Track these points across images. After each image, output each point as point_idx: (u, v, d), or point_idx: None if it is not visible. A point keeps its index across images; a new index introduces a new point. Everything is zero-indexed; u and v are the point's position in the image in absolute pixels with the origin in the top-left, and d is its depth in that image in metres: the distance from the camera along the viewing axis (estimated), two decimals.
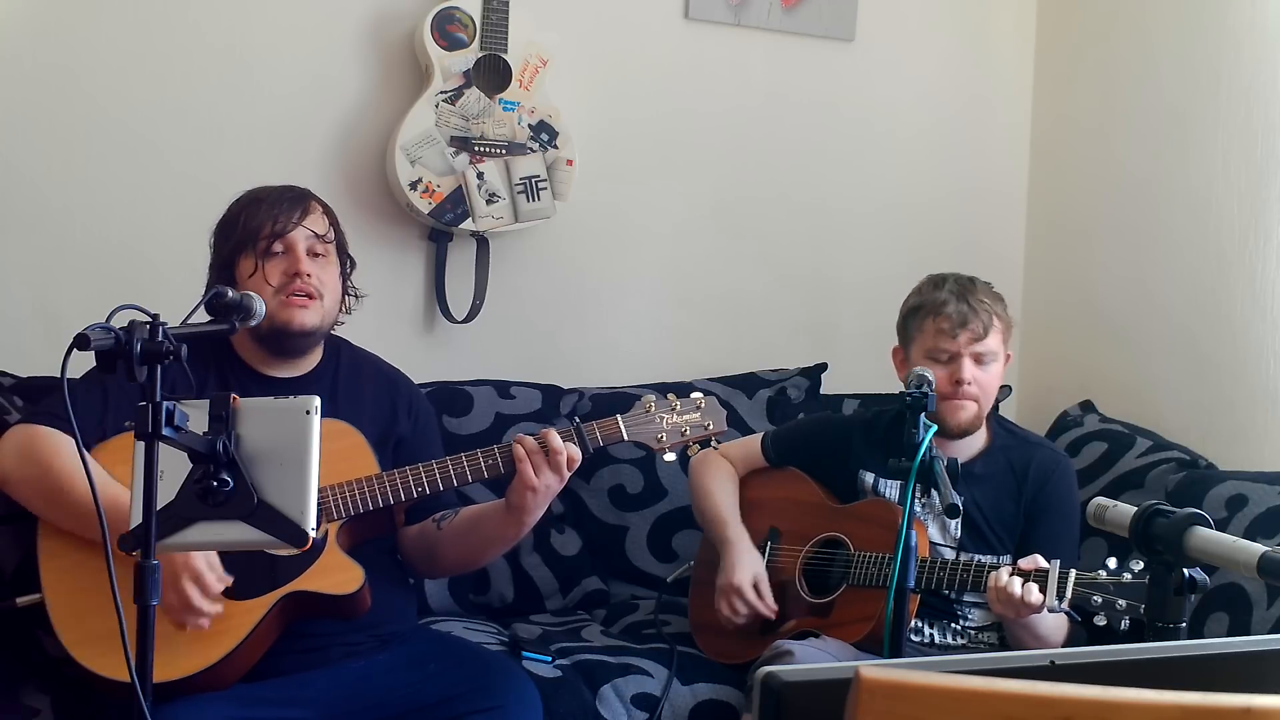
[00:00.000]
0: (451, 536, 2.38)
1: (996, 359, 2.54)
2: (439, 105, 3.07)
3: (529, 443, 2.23)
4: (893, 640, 2.06)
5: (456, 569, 2.54)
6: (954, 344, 2.50)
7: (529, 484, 2.22)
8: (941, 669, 0.95)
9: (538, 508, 2.27)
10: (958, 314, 2.50)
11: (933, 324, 2.53)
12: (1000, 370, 2.57)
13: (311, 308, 2.30)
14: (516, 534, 2.33)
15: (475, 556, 2.43)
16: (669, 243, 3.46)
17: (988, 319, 2.51)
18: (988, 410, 2.58)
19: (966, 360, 2.50)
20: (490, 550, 2.40)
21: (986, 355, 2.52)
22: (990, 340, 2.52)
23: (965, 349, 2.50)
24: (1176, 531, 1.43)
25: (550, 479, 2.23)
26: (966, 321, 2.49)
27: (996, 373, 2.55)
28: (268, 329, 2.28)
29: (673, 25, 3.42)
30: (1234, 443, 2.99)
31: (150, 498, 1.61)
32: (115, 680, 2.03)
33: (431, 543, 2.40)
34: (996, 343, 2.54)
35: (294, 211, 2.33)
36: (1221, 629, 2.50)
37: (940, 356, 2.51)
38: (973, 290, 2.54)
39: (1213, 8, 3.12)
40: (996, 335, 2.54)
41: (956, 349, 2.50)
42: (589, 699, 2.48)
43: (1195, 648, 1.21)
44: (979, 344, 2.51)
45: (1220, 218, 3.07)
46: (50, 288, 2.96)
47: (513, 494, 2.26)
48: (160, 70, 3.03)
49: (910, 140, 3.64)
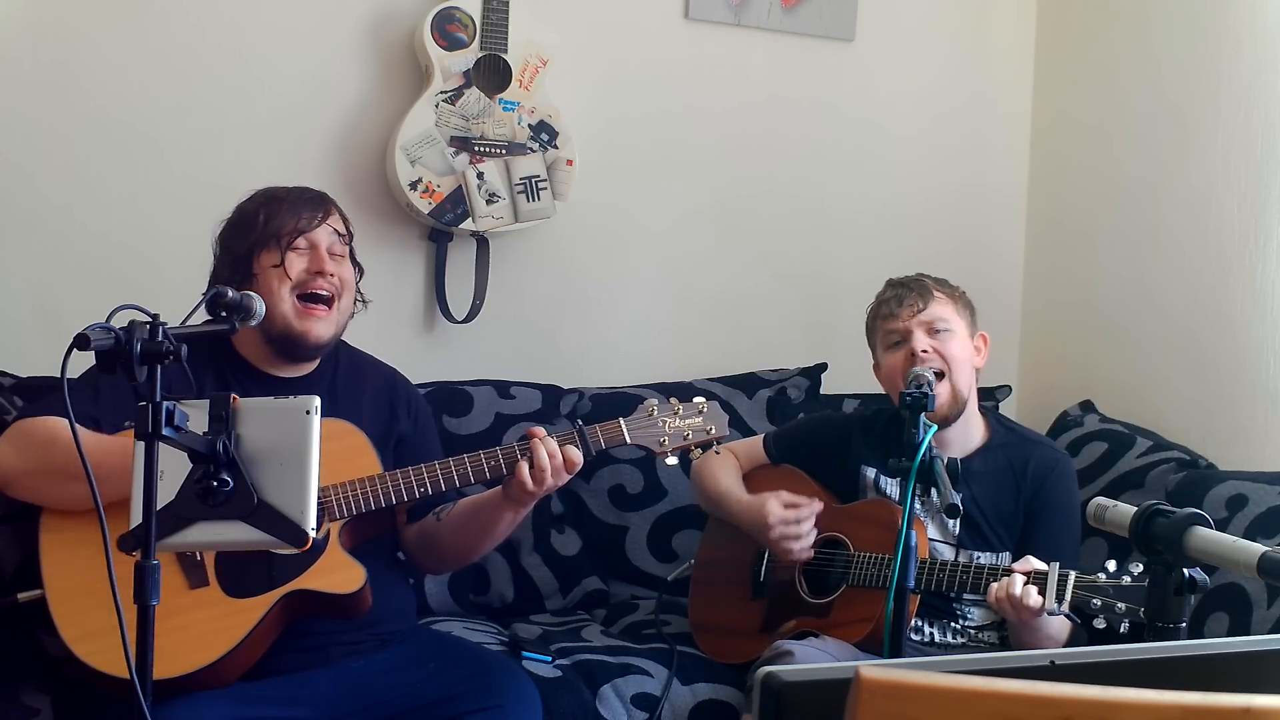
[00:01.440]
0: (450, 527, 2.39)
1: (952, 329, 2.54)
2: (439, 105, 3.07)
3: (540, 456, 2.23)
4: (893, 640, 2.06)
5: (457, 560, 2.53)
6: (898, 322, 2.54)
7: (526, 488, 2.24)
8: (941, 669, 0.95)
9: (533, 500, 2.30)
10: (895, 297, 2.57)
11: (879, 317, 2.59)
12: (967, 344, 2.56)
13: (328, 319, 2.32)
14: (514, 519, 2.35)
15: (474, 546, 2.42)
16: (669, 243, 3.47)
17: (925, 291, 2.55)
18: (965, 386, 2.54)
19: (917, 333, 2.52)
20: (488, 538, 2.40)
21: (937, 323, 2.53)
22: (935, 309, 2.53)
23: (911, 323, 2.52)
24: (1176, 531, 1.43)
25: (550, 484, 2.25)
26: (903, 299, 2.55)
27: (961, 344, 2.54)
28: (281, 334, 2.28)
29: (673, 25, 3.42)
30: (1234, 443, 2.99)
31: (150, 498, 1.62)
32: (116, 677, 2.02)
33: (431, 535, 2.41)
34: (947, 312, 2.54)
35: (318, 211, 2.35)
36: (1221, 629, 2.50)
37: (893, 340, 2.55)
38: (910, 277, 2.60)
39: (1213, 8, 3.12)
40: (945, 306, 2.55)
41: (902, 325, 2.53)
42: (589, 699, 2.48)
43: (1195, 648, 1.21)
44: (923, 314, 2.53)
45: (1220, 218, 3.07)
46: (50, 287, 2.96)
47: (509, 487, 2.27)
48: (160, 70, 3.03)
49: (910, 140, 3.64)
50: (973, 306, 2.63)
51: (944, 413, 2.48)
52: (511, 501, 2.29)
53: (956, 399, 2.52)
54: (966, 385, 2.55)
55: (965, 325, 2.57)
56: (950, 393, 2.50)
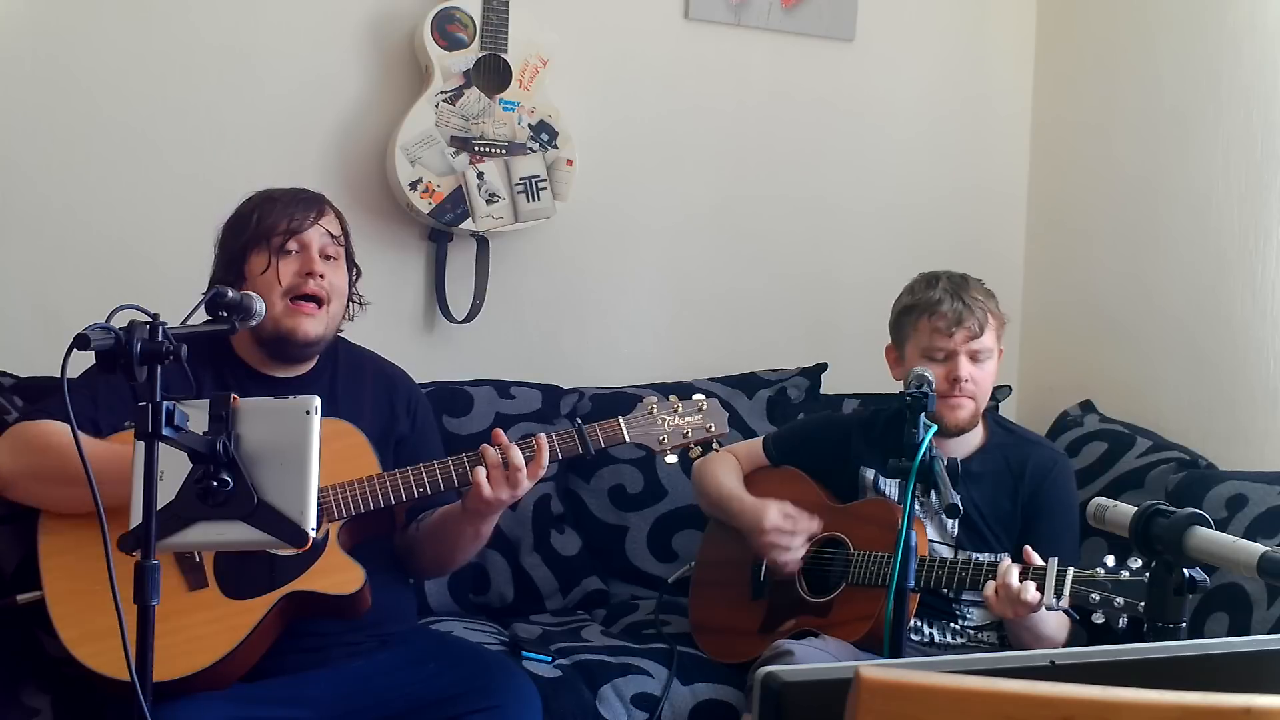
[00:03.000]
0: (424, 537, 2.40)
1: (991, 356, 2.54)
2: (439, 105, 3.07)
3: (491, 456, 2.23)
4: (892, 640, 2.06)
5: (433, 569, 2.53)
6: (950, 342, 2.50)
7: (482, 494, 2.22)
8: (941, 669, 0.95)
9: (493, 514, 2.28)
10: (953, 312, 2.49)
11: (928, 323, 2.52)
12: (995, 367, 2.57)
13: (318, 317, 2.30)
14: (475, 534, 2.34)
15: (446, 557, 2.43)
16: (669, 243, 3.46)
17: (983, 316, 2.51)
18: (983, 408, 2.58)
19: (963, 358, 2.50)
20: (458, 551, 2.40)
21: (982, 353, 2.52)
22: (986, 338, 2.52)
23: (961, 347, 2.50)
24: (1176, 531, 1.43)
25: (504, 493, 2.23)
26: (962, 319, 2.49)
27: (992, 370, 2.55)
28: (271, 334, 2.28)
29: (673, 25, 3.42)
30: (1234, 443, 2.99)
31: (150, 498, 1.61)
32: (115, 679, 2.02)
33: (410, 543, 2.42)
34: (991, 340, 2.54)
35: (310, 211, 2.34)
36: (1221, 629, 2.50)
37: (936, 355, 2.51)
38: (966, 288, 2.54)
39: (1213, 8, 3.12)
40: (991, 333, 2.54)
41: (953, 347, 2.50)
42: (589, 699, 2.48)
43: (1195, 648, 1.21)
44: (975, 341, 2.50)
45: (1220, 218, 3.07)
46: (50, 288, 2.96)
47: (467, 499, 2.27)
48: (160, 70, 3.03)
49: (910, 140, 3.64)
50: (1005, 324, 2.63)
51: (962, 428, 2.53)
52: (470, 514, 2.28)
53: (974, 419, 2.55)
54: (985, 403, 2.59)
55: (998, 347, 2.58)
56: (973, 412, 2.53)
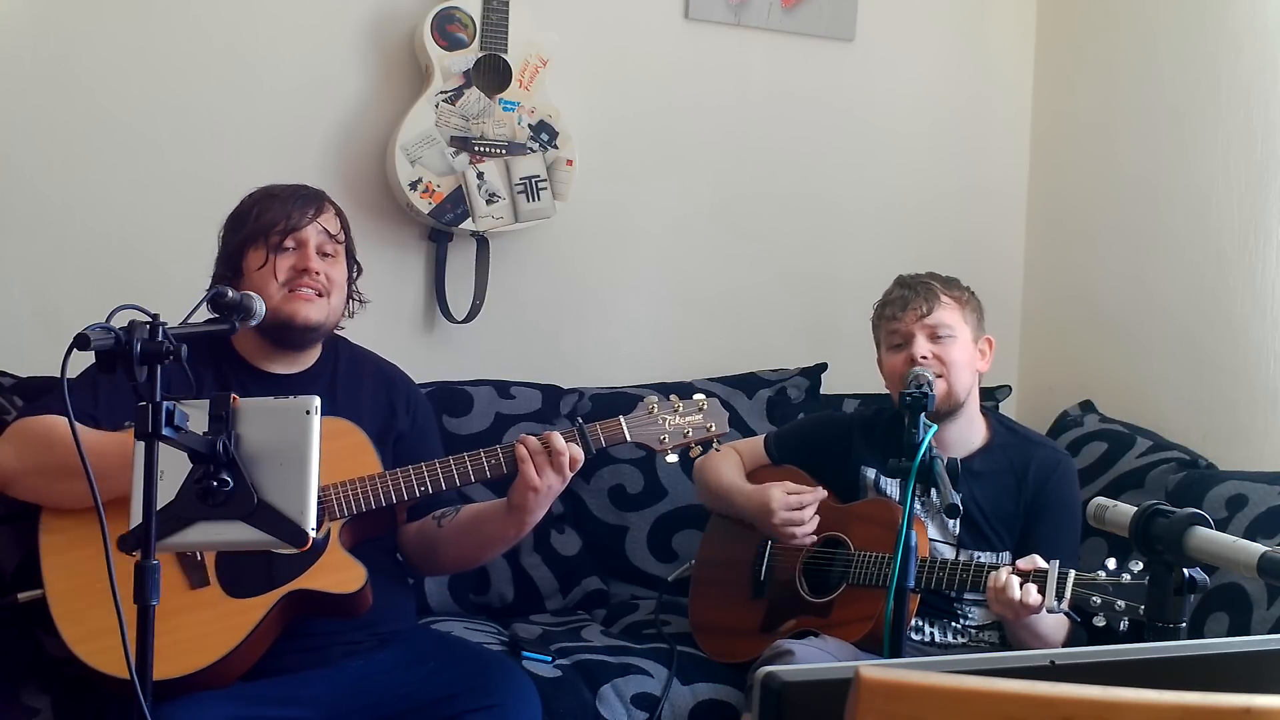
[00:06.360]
0: (452, 535, 2.38)
1: (955, 334, 2.54)
2: (439, 105, 3.07)
3: (532, 443, 2.24)
4: (893, 640, 2.06)
5: (456, 567, 2.55)
6: (901, 324, 2.55)
7: (531, 484, 2.22)
8: (941, 669, 0.95)
9: (539, 508, 2.27)
10: (900, 298, 2.57)
11: (883, 316, 2.60)
12: (969, 348, 2.56)
13: (317, 303, 2.31)
14: (517, 534, 2.33)
15: (475, 555, 2.43)
16: (669, 242, 3.46)
17: (931, 296, 2.55)
18: (962, 389, 2.54)
19: (920, 338, 2.53)
20: (490, 550, 2.41)
21: (940, 329, 2.54)
22: (942, 314, 2.54)
23: (914, 326, 2.53)
24: (1176, 531, 1.43)
25: (553, 479, 2.24)
26: (908, 302, 2.55)
27: (962, 349, 2.55)
28: (271, 321, 2.27)
29: (673, 25, 3.42)
30: (1234, 443, 2.99)
31: (150, 498, 1.62)
32: (116, 677, 2.02)
33: (432, 540, 2.40)
34: (951, 318, 2.55)
35: (308, 208, 2.34)
36: (1221, 629, 2.50)
37: (896, 343, 2.56)
38: (919, 278, 2.60)
39: (1213, 8, 3.12)
40: (950, 312, 2.55)
41: (906, 328, 2.54)
42: (589, 699, 2.48)
43: (1195, 648, 1.21)
44: (928, 319, 2.53)
45: (1220, 218, 3.07)
46: (50, 287, 2.96)
47: (515, 494, 2.26)
48: (161, 69, 3.03)
49: (910, 139, 3.64)
50: (981, 310, 2.63)
51: (939, 409, 2.46)
52: (516, 512, 2.28)
53: (950, 398, 2.53)
54: (964, 387, 2.55)
55: (970, 330, 2.58)
56: (945, 391, 2.50)
